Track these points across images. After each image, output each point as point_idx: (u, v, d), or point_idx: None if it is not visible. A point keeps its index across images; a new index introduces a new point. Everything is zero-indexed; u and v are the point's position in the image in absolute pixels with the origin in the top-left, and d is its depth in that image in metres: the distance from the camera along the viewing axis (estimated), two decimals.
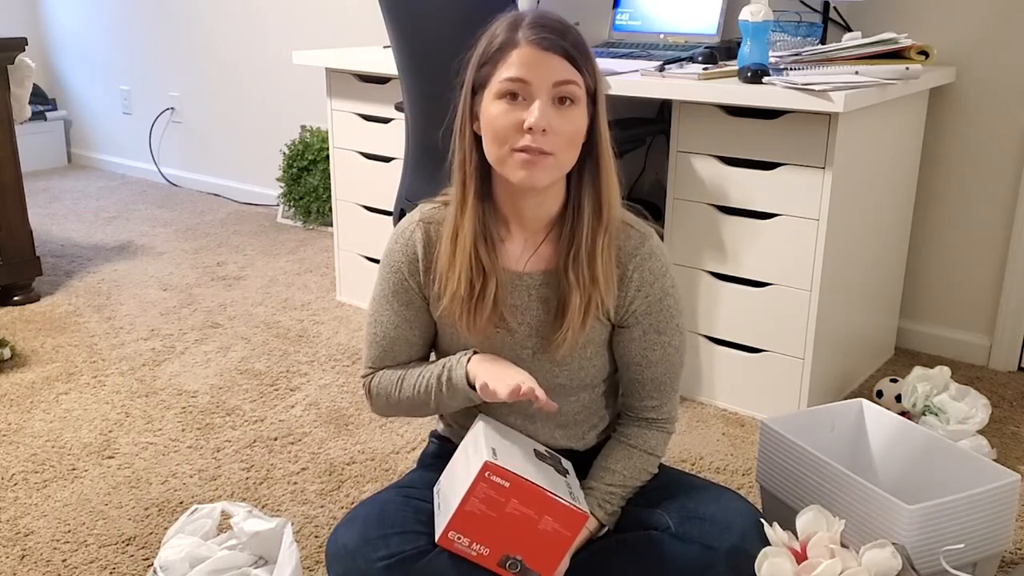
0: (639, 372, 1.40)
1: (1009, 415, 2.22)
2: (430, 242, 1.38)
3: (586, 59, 1.27)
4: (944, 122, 2.47)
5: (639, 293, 1.36)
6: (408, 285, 1.41)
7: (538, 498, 1.24)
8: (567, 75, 1.24)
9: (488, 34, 1.29)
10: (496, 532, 1.24)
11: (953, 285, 2.55)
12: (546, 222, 1.35)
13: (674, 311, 1.39)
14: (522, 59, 1.23)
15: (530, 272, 1.36)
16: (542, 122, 1.22)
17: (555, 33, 1.25)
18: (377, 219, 2.82)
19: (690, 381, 2.30)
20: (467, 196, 1.32)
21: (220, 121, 4.40)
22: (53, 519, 1.80)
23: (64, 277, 3.24)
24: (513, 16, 1.29)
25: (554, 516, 1.24)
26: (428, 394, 1.38)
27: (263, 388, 2.37)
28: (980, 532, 1.46)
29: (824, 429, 1.73)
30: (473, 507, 1.23)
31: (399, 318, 1.42)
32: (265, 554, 1.47)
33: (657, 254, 1.37)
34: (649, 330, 1.38)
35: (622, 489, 1.39)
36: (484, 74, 1.27)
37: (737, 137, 2.09)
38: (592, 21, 2.84)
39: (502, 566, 1.26)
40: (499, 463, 1.23)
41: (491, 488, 1.22)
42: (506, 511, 1.23)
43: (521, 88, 1.24)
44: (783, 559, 1.30)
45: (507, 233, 1.36)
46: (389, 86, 2.65)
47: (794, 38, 2.47)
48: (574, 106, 1.25)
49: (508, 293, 1.36)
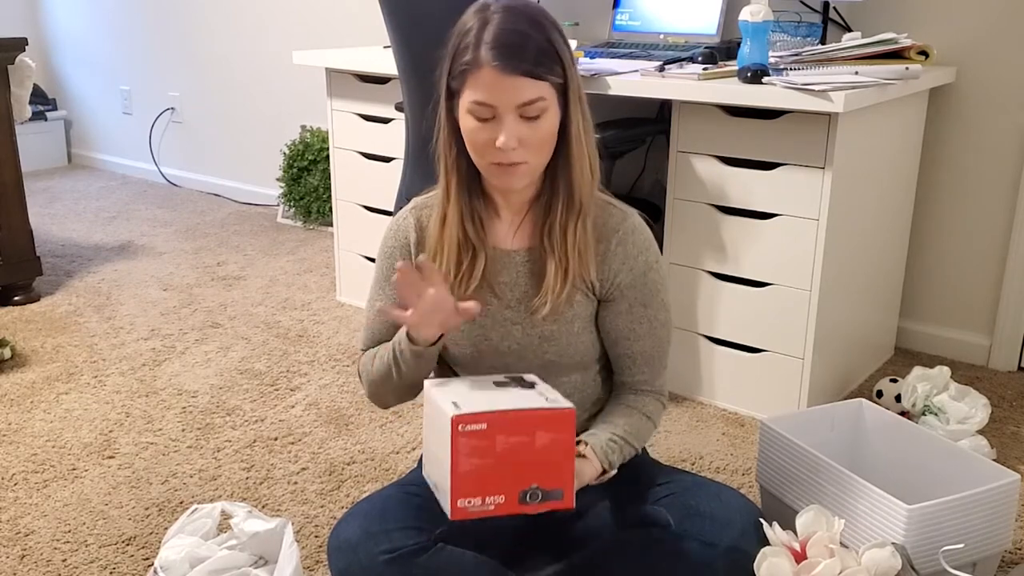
0: (628, 347, 1.43)
1: (1009, 415, 2.22)
2: (422, 227, 1.43)
3: (552, 62, 1.28)
4: (944, 122, 2.47)
5: (623, 266, 1.39)
6: None
7: (520, 420, 1.19)
8: (530, 95, 1.26)
9: (458, 34, 1.30)
10: (500, 475, 1.19)
11: (953, 285, 2.55)
12: (527, 200, 1.40)
13: (659, 285, 1.43)
14: (486, 83, 1.26)
15: (517, 249, 1.41)
16: (511, 142, 1.27)
17: (518, 51, 1.25)
18: (377, 219, 2.82)
19: (690, 381, 2.30)
20: (451, 183, 1.37)
21: (220, 121, 4.40)
22: (53, 519, 1.80)
23: (64, 277, 3.24)
24: (480, 19, 1.28)
25: (544, 427, 1.20)
26: (390, 364, 1.39)
27: (263, 388, 2.37)
28: (980, 532, 1.46)
29: (824, 429, 1.73)
30: (465, 467, 1.18)
31: (389, 300, 1.46)
32: (265, 554, 1.47)
33: (640, 229, 1.42)
34: (635, 303, 1.41)
35: (622, 442, 1.39)
36: (455, 86, 1.31)
37: (737, 137, 2.09)
38: (592, 21, 2.85)
39: (524, 502, 1.20)
40: (464, 411, 1.18)
41: (471, 438, 1.18)
42: (498, 451, 1.19)
43: (488, 110, 1.27)
44: (782, 559, 1.30)
45: (494, 212, 1.41)
46: (389, 86, 2.65)
47: (794, 38, 2.47)
48: (543, 116, 1.29)
49: (498, 270, 1.40)
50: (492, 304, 1.40)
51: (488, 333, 1.41)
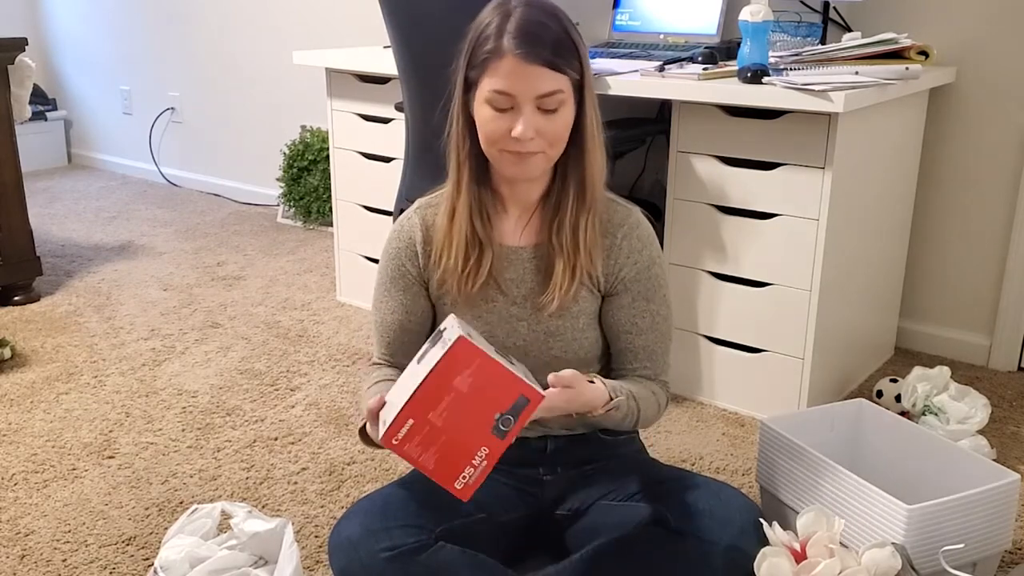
0: (630, 341, 1.44)
1: (1009, 415, 2.22)
2: (427, 226, 1.44)
3: (571, 56, 1.30)
4: (944, 122, 2.47)
5: (628, 260, 1.41)
6: (406, 271, 1.46)
7: (428, 391, 1.15)
8: (551, 86, 1.29)
9: (478, 29, 1.32)
10: (464, 435, 1.16)
11: (953, 285, 2.55)
12: (537, 197, 1.41)
13: (661, 280, 1.45)
14: (507, 71, 1.28)
15: (524, 246, 1.42)
16: (528, 132, 1.29)
17: (539, 41, 1.27)
18: (377, 219, 2.82)
19: (690, 381, 2.30)
20: (462, 178, 1.38)
21: (220, 121, 4.40)
22: (53, 519, 1.80)
23: (64, 277, 3.24)
24: (501, 13, 1.31)
25: (452, 373, 1.15)
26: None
27: (263, 388, 2.37)
28: (980, 532, 1.46)
29: (824, 429, 1.73)
30: (429, 461, 1.16)
31: (395, 303, 1.47)
32: (265, 554, 1.47)
33: (644, 225, 1.44)
34: (638, 297, 1.43)
35: (628, 394, 1.37)
36: (474, 76, 1.32)
37: (737, 137, 2.09)
38: (592, 21, 2.84)
39: (504, 435, 1.16)
40: (388, 425, 1.16)
41: (410, 440, 1.15)
42: (441, 425, 1.16)
43: (507, 100, 1.29)
44: (782, 558, 1.30)
45: (502, 208, 1.42)
46: (389, 86, 2.65)
47: (794, 38, 2.47)
48: (560, 109, 1.31)
49: (505, 267, 1.41)
50: (498, 301, 1.41)
51: (494, 330, 1.41)
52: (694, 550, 1.32)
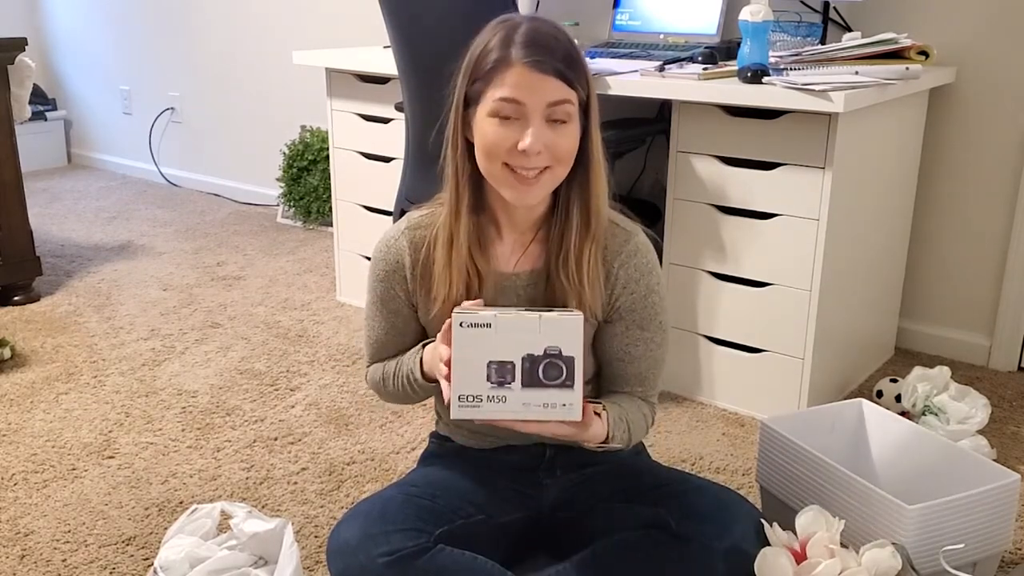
0: (622, 368, 1.43)
1: (1009, 415, 2.22)
2: (416, 249, 1.40)
3: (579, 72, 1.28)
4: (944, 122, 2.47)
5: (624, 290, 1.38)
6: (395, 294, 1.44)
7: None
8: (561, 95, 1.25)
9: (480, 45, 1.29)
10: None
11: (953, 285, 2.55)
12: (535, 223, 1.38)
13: (658, 308, 1.41)
14: (516, 80, 1.24)
15: (518, 272, 1.39)
16: (536, 145, 1.25)
17: (548, 52, 1.25)
18: (377, 219, 2.82)
19: (690, 381, 2.30)
20: (460, 205, 1.34)
21: (220, 121, 4.40)
22: (53, 519, 1.80)
23: (64, 277, 3.24)
24: (506, 27, 1.28)
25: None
26: (406, 392, 1.44)
27: (263, 388, 2.37)
28: (980, 532, 1.46)
29: (824, 429, 1.73)
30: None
31: (388, 324, 1.47)
32: (265, 554, 1.47)
33: (643, 251, 1.39)
34: (632, 326, 1.40)
35: (625, 425, 1.36)
36: (477, 89, 1.28)
37: (737, 137, 2.09)
38: (592, 21, 2.85)
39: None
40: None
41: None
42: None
43: (515, 109, 1.25)
44: (782, 559, 1.30)
45: (497, 234, 1.39)
46: (389, 86, 2.65)
47: (794, 38, 2.47)
48: (568, 123, 1.27)
49: (497, 294, 1.39)
50: None
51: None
52: (695, 554, 1.31)
